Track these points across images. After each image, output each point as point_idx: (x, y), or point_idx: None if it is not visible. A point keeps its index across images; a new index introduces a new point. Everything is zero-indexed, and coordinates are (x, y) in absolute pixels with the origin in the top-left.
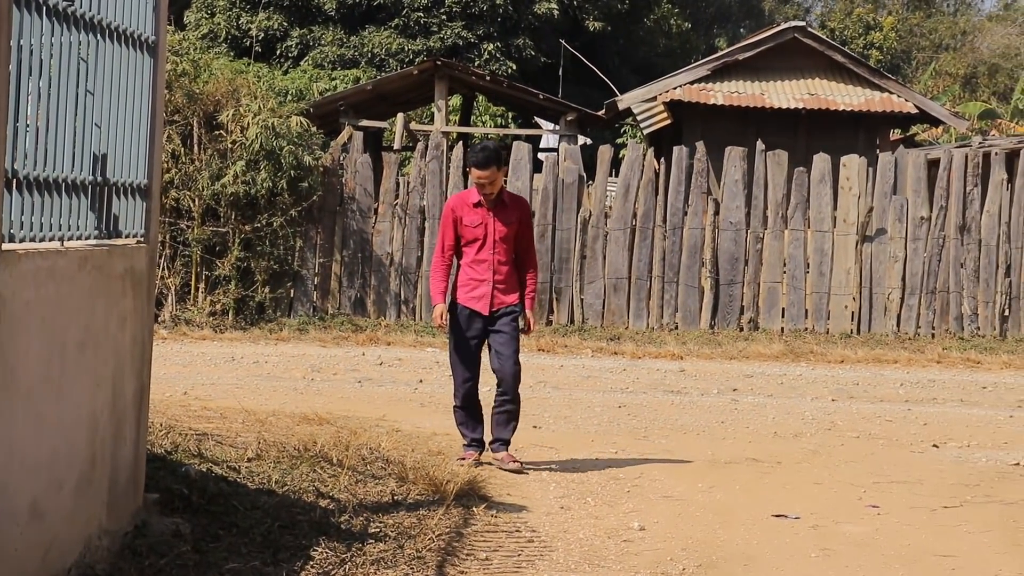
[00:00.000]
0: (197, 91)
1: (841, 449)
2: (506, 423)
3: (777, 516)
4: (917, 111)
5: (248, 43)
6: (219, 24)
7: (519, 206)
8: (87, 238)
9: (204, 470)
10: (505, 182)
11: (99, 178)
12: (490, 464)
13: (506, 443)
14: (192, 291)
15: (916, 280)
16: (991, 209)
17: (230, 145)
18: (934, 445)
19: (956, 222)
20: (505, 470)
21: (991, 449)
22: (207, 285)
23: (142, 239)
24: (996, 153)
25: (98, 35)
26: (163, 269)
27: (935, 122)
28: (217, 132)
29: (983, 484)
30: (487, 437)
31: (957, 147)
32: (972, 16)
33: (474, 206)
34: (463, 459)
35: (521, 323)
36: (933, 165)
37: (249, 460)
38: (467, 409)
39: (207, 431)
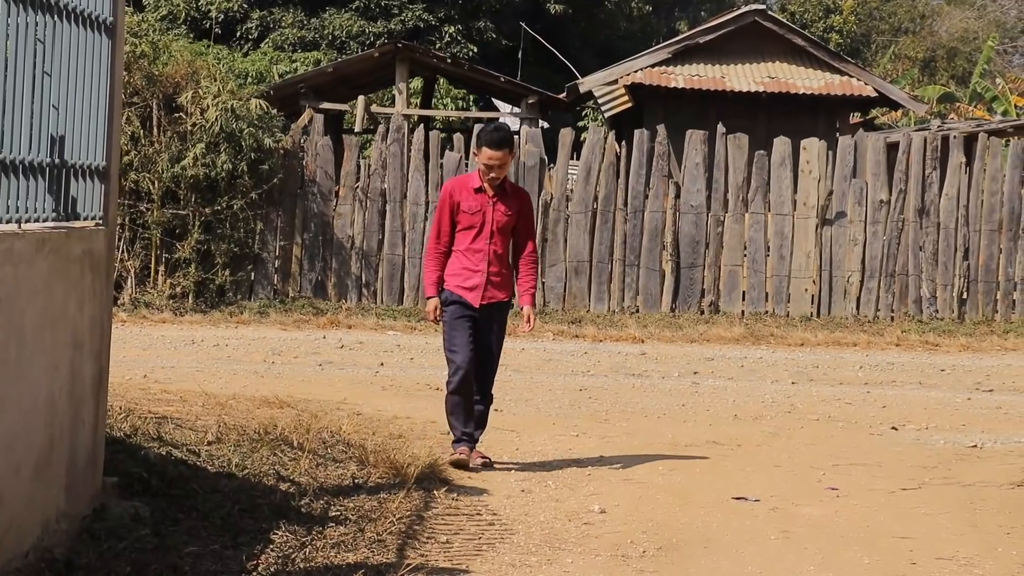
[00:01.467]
0: (156, 73)
1: (801, 432)
2: (477, 423)
3: (737, 498)
4: (876, 94)
5: (208, 25)
6: (178, 5)
7: (520, 197)
8: (45, 220)
9: (163, 453)
10: None
11: (56, 160)
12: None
13: (473, 440)
14: (152, 274)
15: (875, 263)
16: (950, 192)
17: (190, 127)
18: (893, 427)
19: (915, 205)
20: (472, 468)
21: (949, 431)
22: (167, 268)
23: (100, 221)
24: (955, 137)
25: (55, 16)
26: (122, 252)
27: (894, 105)
28: (177, 114)
29: (941, 466)
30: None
31: (916, 130)
32: (931, 0)
33: (475, 191)
34: (457, 456)
35: (519, 319)
36: (892, 148)
37: (209, 443)
38: (461, 396)
39: (167, 414)
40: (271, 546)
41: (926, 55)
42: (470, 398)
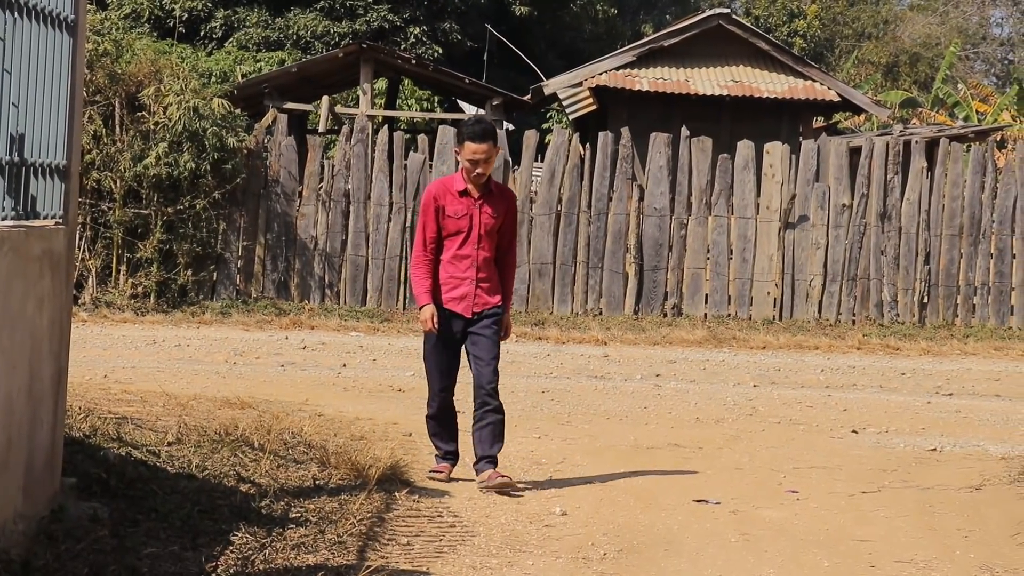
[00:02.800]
0: (119, 71)
1: (762, 434)
2: (491, 438)
3: (698, 501)
4: (840, 99)
5: (171, 23)
6: (142, 4)
7: (506, 197)
8: (3, 219)
9: (123, 454)
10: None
11: (16, 158)
12: (466, 480)
13: (493, 461)
14: (113, 273)
15: (837, 267)
16: (911, 197)
17: (152, 126)
18: (853, 431)
19: (877, 209)
20: (491, 488)
21: (909, 435)
22: (129, 267)
23: (61, 220)
24: (916, 141)
25: (15, 13)
26: (84, 251)
27: (857, 110)
28: (139, 113)
29: (900, 469)
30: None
31: (878, 135)
32: (894, 5)
33: (459, 195)
34: (436, 472)
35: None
36: (855, 153)
37: (169, 444)
38: (442, 420)
39: (127, 415)
40: (231, 547)
41: (889, 60)
42: (453, 418)
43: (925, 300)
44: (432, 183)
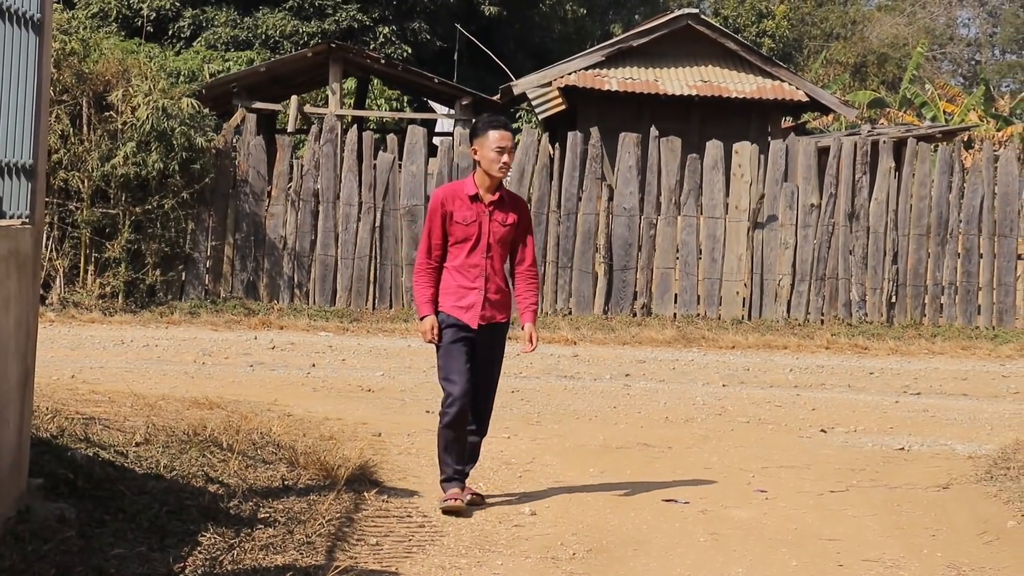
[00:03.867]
0: (87, 71)
1: (731, 434)
2: (469, 455)
3: (667, 501)
4: (808, 99)
5: (139, 23)
6: (110, 3)
7: (519, 206)
8: None
9: (91, 454)
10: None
11: None
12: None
13: (465, 476)
14: (81, 273)
15: (806, 267)
16: (879, 197)
17: (120, 126)
18: (822, 430)
19: (845, 209)
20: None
21: (877, 434)
22: (96, 267)
23: (27, 220)
24: (884, 141)
25: None
26: (51, 251)
27: (825, 110)
28: (107, 113)
29: (868, 469)
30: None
31: (847, 135)
32: (862, 5)
33: (470, 200)
34: (450, 499)
35: (519, 339)
36: (823, 153)
37: (137, 445)
38: (456, 430)
39: (95, 415)
40: (199, 548)
41: (857, 60)
42: (465, 433)
43: (893, 300)
44: (441, 187)
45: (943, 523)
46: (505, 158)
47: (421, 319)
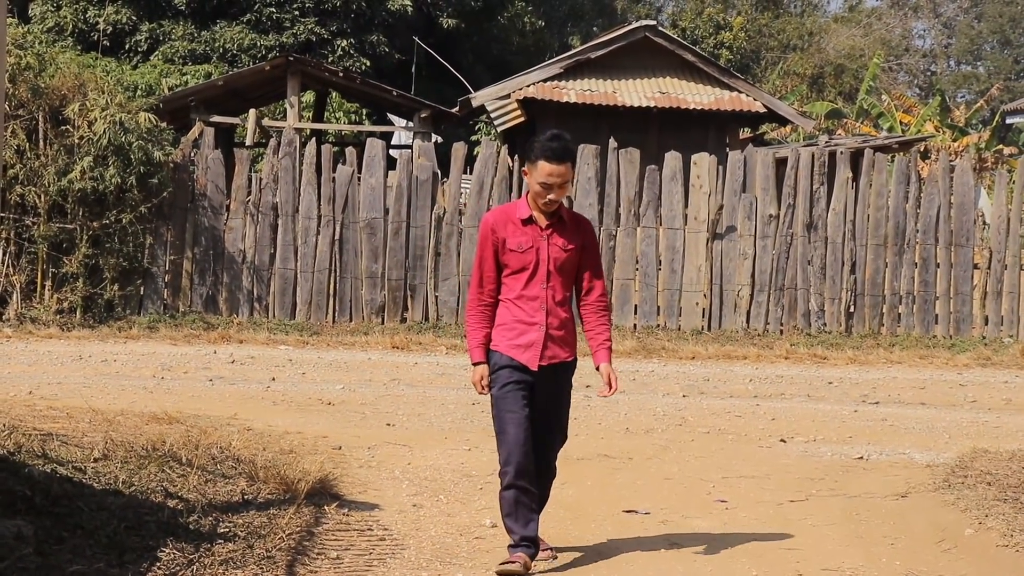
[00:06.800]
0: (43, 85)
1: (691, 444)
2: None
3: (628, 511)
4: (766, 110)
5: (96, 37)
6: (65, 17)
7: (582, 228)
8: None
9: (48, 471)
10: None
11: None
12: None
13: (535, 543)
14: (38, 289)
15: (765, 277)
16: (837, 207)
17: (77, 140)
18: (781, 440)
19: (803, 220)
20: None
21: (836, 443)
22: (54, 283)
23: None
24: (841, 152)
25: None
26: (8, 266)
27: (783, 121)
28: (64, 127)
29: (828, 478)
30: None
31: (804, 146)
32: (819, 17)
33: (523, 223)
34: (510, 563)
35: (599, 383)
36: (781, 164)
37: (96, 460)
38: (520, 490)
39: (52, 431)
40: (158, 564)
41: (814, 72)
42: (530, 491)
43: (851, 309)
44: (491, 211)
45: (902, 531)
46: (551, 195)
47: (474, 366)
